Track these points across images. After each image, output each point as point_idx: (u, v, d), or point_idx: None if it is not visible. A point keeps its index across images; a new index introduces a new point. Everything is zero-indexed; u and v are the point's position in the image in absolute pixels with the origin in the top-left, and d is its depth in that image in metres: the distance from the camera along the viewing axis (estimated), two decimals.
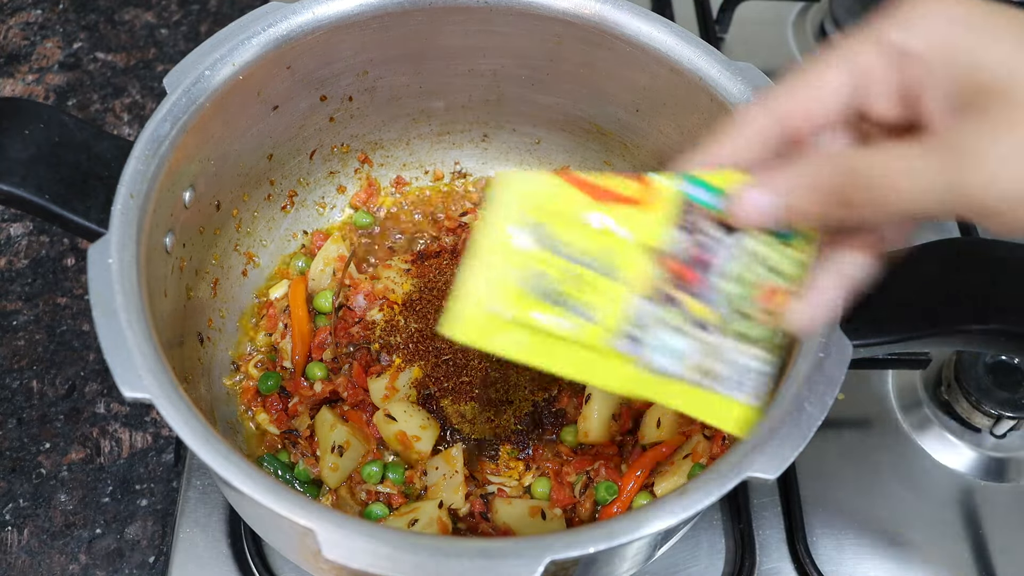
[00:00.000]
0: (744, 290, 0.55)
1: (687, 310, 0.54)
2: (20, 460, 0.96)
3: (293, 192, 0.95)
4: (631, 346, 0.54)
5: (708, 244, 0.54)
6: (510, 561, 0.58)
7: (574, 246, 0.53)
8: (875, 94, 0.52)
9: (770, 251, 0.55)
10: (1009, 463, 0.95)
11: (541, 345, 0.54)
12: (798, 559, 0.88)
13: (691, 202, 0.54)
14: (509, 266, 0.52)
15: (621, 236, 0.53)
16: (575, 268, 0.53)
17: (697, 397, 0.56)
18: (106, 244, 0.68)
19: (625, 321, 0.54)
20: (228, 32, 0.78)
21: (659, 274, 0.54)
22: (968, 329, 0.68)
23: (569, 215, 0.53)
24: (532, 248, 0.53)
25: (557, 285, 0.53)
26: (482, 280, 0.52)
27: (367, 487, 0.83)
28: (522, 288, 0.52)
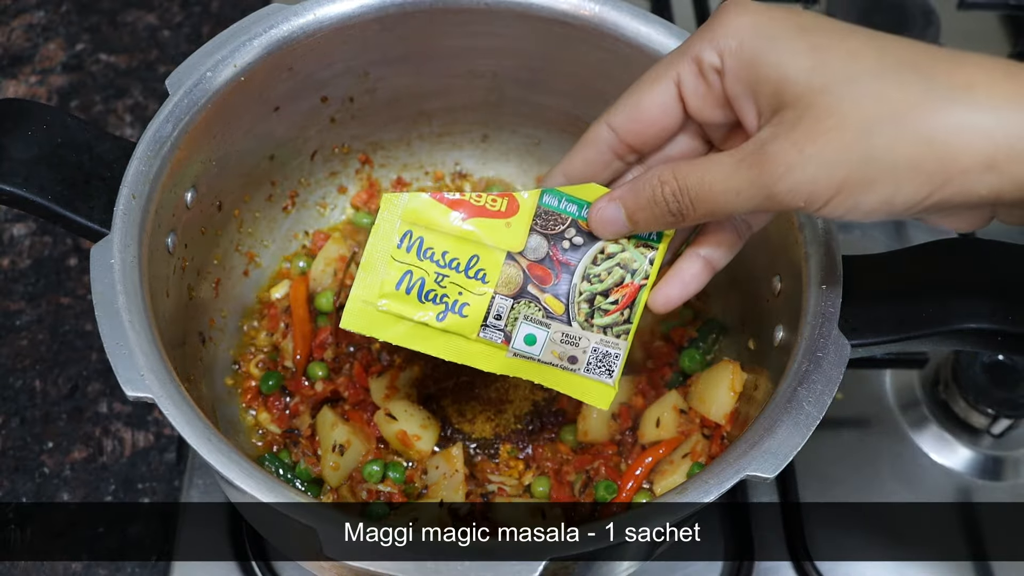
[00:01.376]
0: (598, 286, 0.65)
1: (545, 305, 0.65)
2: (23, 459, 0.96)
3: (294, 193, 0.96)
4: (496, 335, 0.65)
5: (568, 249, 0.64)
6: (510, 560, 0.58)
7: (445, 254, 0.65)
8: (694, 106, 0.58)
9: (625, 251, 0.64)
10: (1006, 462, 0.95)
11: (420, 334, 0.66)
12: (796, 557, 0.88)
13: (551, 212, 0.64)
14: (389, 271, 0.65)
15: (487, 244, 0.64)
16: (445, 271, 0.65)
17: (561, 377, 0.66)
18: (108, 244, 0.68)
19: (489, 315, 0.65)
20: (230, 33, 0.79)
21: (520, 275, 0.65)
22: (966, 329, 0.68)
23: (441, 228, 0.65)
24: (408, 256, 0.65)
25: (430, 286, 0.65)
26: (367, 283, 0.65)
27: (368, 486, 0.83)
28: (399, 289, 0.65)
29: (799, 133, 0.51)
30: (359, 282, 0.66)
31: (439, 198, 0.65)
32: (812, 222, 0.73)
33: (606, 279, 0.65)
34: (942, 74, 0.49)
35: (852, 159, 0.50)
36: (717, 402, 0.82)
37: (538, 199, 0.64)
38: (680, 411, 0.84)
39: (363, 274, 0.66)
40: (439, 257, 0.65)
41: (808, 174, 0.50)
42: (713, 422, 0.83)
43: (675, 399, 0.85)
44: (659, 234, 0.65)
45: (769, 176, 0.52)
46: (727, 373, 0.82)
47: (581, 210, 0.64)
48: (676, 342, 0.91)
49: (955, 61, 0.50)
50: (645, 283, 0.65)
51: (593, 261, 0.64)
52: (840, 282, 0.70)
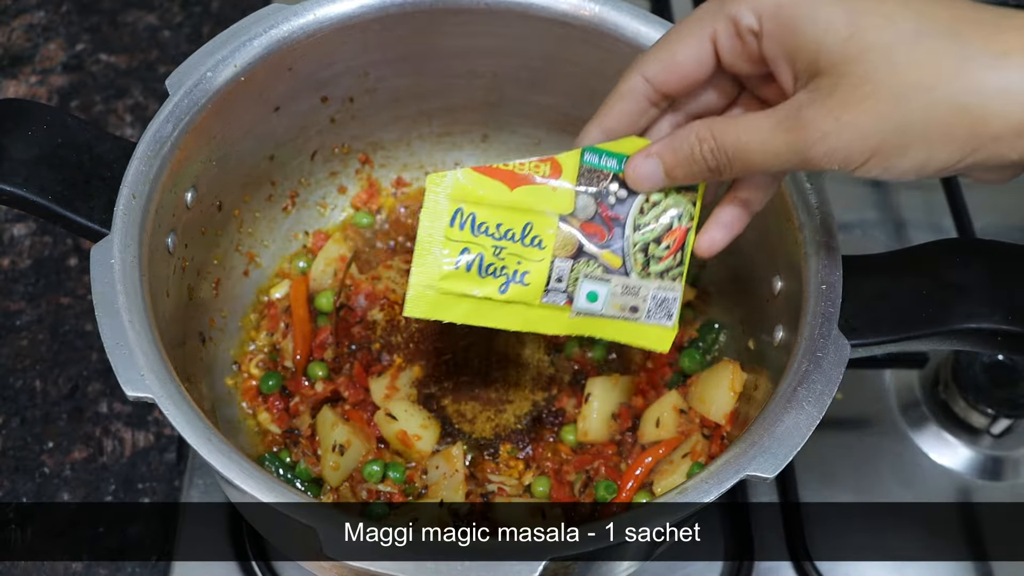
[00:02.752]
0: (650, 235, 0.66)
1: (604, 261, 0.66)
2: (23, 459, 0.96)
3: (294, 193, 0.96)
4: (559, 297, 0.66)
5: (615, 203, 0.65)
6: (510, 560, 0.58)
7: (499, 226, 0.64)
8: (728, 61, 0.59)
9: (668, 197, 0.65)
10: (1006, 462, 0.95)
11: (483, 310, 0.66)
12: (796, 558, 0.88)
13: (593, 170, 0.64)
14: (445, 251, 0.65)
15: (538, 210, 0.64)
16: (502, 243, 0.65)
17: (623, 328, 0.68)
18: (108, 244, 0.68)
19: (551, 279, 0.66)
20: (230, 33, 0.79)
21: (575, 235, 0.65)
22: (966, 329, 0.68)
23: (491, 202, 0.64)
24: (462, 234, 0.64)
25: (489, 260, 0.65)
26: (425, 266, 0.65)
27: (368, 486, 0.83)
28: (458, 268, 0.65)
29: (835, 100, 0.52)
30: (417, 267, 0.65)
31: (484, 171, 0.64)
32: (812, 222, 0.73)
33: (656, 227, 0.65)
34: (979, 40, 0.50)
35: (887, 127, 0.51)
36: (717, 402, 0.82)
37: (579, 159, 0.64)
38: (680, 411, 0.84)
39: (419, 258, 0.65)
40: (494, 230, 0.64)
41: (843, 140, 0.52)
42: (713, 422, 0.83)
43: (675, 399, 0.85)
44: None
45: (805, 141, 0.53)
46: (727, 373, 0.82)
47: (621, 164, 0.64)
48: (676, 342, 0.91)
49: (995, 26, 0.50)
50: (691, 225, 0.66)
51: (640, 211, 0.65)
52: (840, 282, 0.70)
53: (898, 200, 1.15)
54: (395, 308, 0.91)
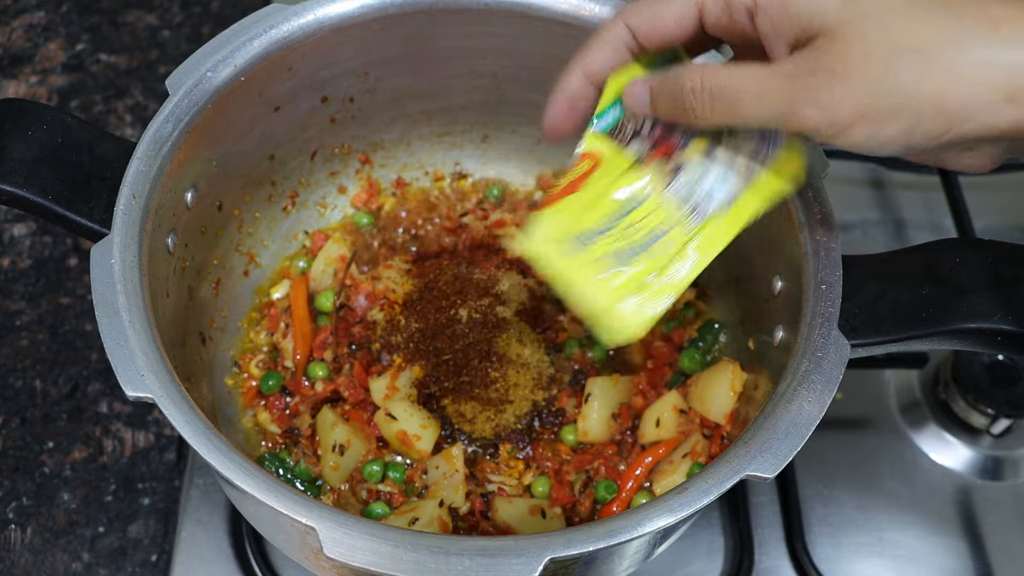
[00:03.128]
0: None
1: (695, 158, 0.64)
2: (23, 459, 0.97)
3: (294, 193, 0.96)
4: (698, 215, 0.64)
5: (657, 127, 0.65)
6: (510, 559, 0.58)
7: (604, 220, 0.64)
8: (712, 28, 0.61)
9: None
10: (1006, 462, 0.95)
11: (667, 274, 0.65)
12: (796, 557, 0.88)
13: (615, 127, 0.66)
14: (591, 274, 0.64)
15: (613, 185, 0.65)
16: (621, 226, 0.64)
17: (752, 197, 0.64)
18: (108, 244, 0.68)
19: (680, 205, 0.64)
20: (230, 34, 0.79)
21: (656, 168, 0.65)
22: (966, 329, 0.68)
23: (579, 214, 0.65)
24: (588, 251, 0.64)
25: (624, 246, 0.64)
26: (600, 300, 0.63)
27: (368, 486, 0.83)
28: (609, 276, 0.63)
29: (830, 58, 0.52)
30: (595, 308, 0.64)
31: (553, 199, 0.65)
32: (812, 222, 0.73)
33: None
34: (970, 9, 0.51)
35: (878, 89, 0.51)
36: (717, 402, 0.82)
37: (600, 134, 0.66)
38: (680, 411, 0.84)
39: (590, 304, 0.64)
40: (604, 226, 0.64)
41: (835, 97, 0.52)
42: (713, 422, 0.83)
43: (675, 399, 0.85)
44: None
45: (797, 90, 0.53)
46: (727, 373, 0.82)
47: (622, 107, 0.66)
48: (676, 342, 0.91)
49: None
50: None
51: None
52: (840, 282, 0.70)
53: (898, 200, 1.15)
54: (395, 308, 0.91)
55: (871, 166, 1.16)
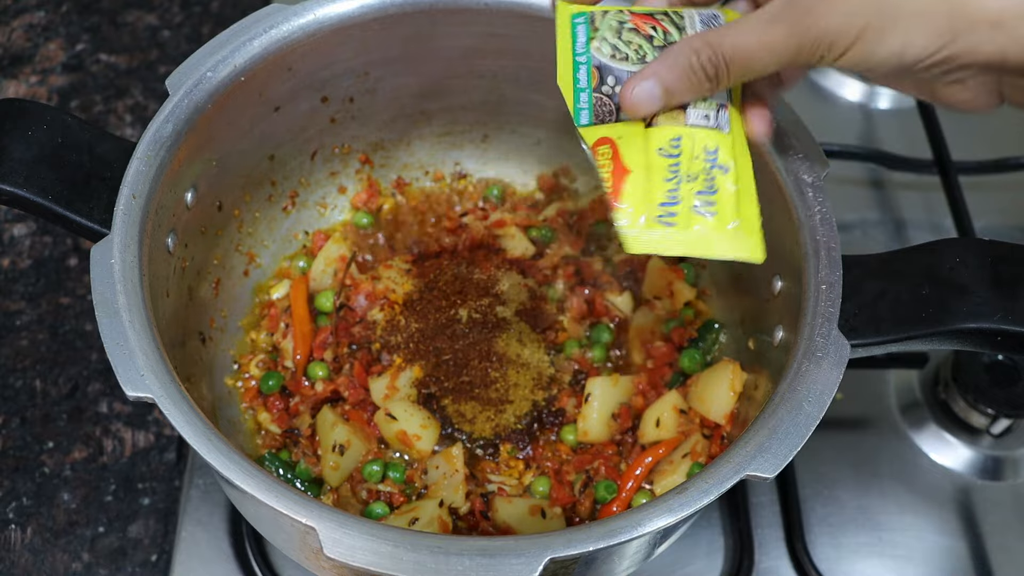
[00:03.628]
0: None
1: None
2: (23, 459, 0.96)
3: (294, 193, 0.96)
4: (723, 126, 0.64)
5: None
6: (510, 559, 0.58)
7: (668, 176, 0.63)
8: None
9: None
10: (1006, 462, 0.95)
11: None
12: (796, 557, 0.88)
13: (594, 111, 0.65)
14: (698, 222, 0.62)
15: (642, 149, 0.64)
16: (683, 170, 0.63)
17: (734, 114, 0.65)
18: (108, 244, 0.68)
19: (705, 124, 0.63)
20: (230, 33, 0.79)
21: (664, 114, 0.63)
22: (966, 329, 0.68)
23: (647, 188, 0.63)
24: (682, 207, 0.63)
25: (700, 183, 0.63)
26: (712, 241, 0.63)
27: (368, 486, 0.83)
28: (709, 210, 0.62)
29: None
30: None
31: (617, 194, 0.63)
32: (812, 222, 0.73)
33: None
34: None
35: (870, 8, 0.54)
36: (717, 402, 0.82)
37: (591, 127, 0.65)
38: (680, 411, 0.84)
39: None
40: (677, 174, 0.64)
41: (834, 22, 0.54)
42: (713, 422, 0.83)
43: (675, 399, 0.85)
44: None
45: (798, 26, 0.55)
46: (727, 373, 0.82)
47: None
48: (676, 342, 0.91)
49: None
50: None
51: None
52: (840, 282, 0.70)
53: (898, 200, 1.15)
54: (395, 308, 0.91)
55: (871, 166, 1.16)
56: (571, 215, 0.99)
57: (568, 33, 0.67)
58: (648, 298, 0.94)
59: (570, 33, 0.67)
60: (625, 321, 0.93)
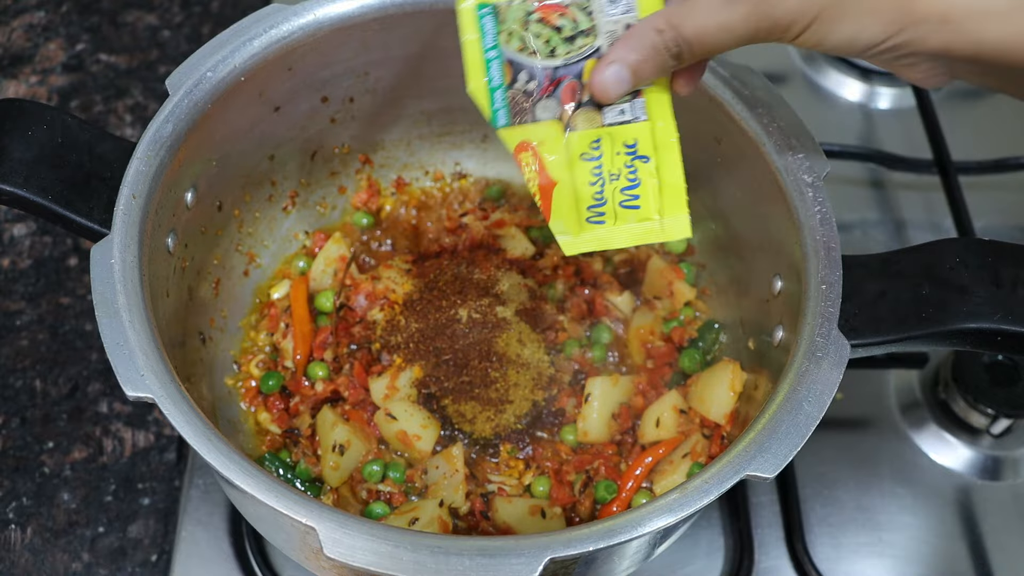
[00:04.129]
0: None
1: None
2: (23, 459, 0.97)
3: (294, 193, 0.96)
4: (641, 114, 0.65)
5: (542, 76, 0.65)
6: (510, 559, 0.58)
7: (592, 178, 0.66)
8: None
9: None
10: (1006, 462, 0.95)
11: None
12: (796, 557, 0.88)
13: (510, 110, 0.66)
14: (628, 216, 0.66)
15: (564, 155, 0.66)
16: (606, 168, 0.66)
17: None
18: (108, 244, 0.68)
19: (622, 120, 0.65)
20: (230, 33, 0.79)
21: (582, 116, 0.65)
22: (966, 329, 0.68)
23: (573, 194, 0.66)
24: (611, 205, 0.66)
25: (624, 179, 0.65)
26: (645, 227, 0.66)
27: (368, 486, 0.83)
28: (637, 200, 0.66)
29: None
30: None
31: (547, 205, 0.66)
32: (812, 222, 0.73)
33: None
34: None
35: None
36: (717, 402, 0.82)
37: (509, 128, 0.66)
38: (680, 411, 0.84)
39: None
40: (600, 175, 0.66)
41: (792, 6, 0.57)
42: (713, 422, 0.83)
43: (675, 399, 0.85)
44: None
45: (758, 9, 0.57)
46: (727, 373, 0.82)
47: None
48: (676, 342, 0.91)
49: None
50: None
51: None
52: (840, 282, 0.70)
53: (898, 200, 1.15)
54: (395, 308, 0.91)
55: (871, 166, 1.16)
56: None
57: (475, 27, 0.66)
58: (648, 298, 0.94)
59: (477, 27, 0.66)
60: (625, 321, 0.93)
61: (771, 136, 0.77)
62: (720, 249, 0.91)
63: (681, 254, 0.96)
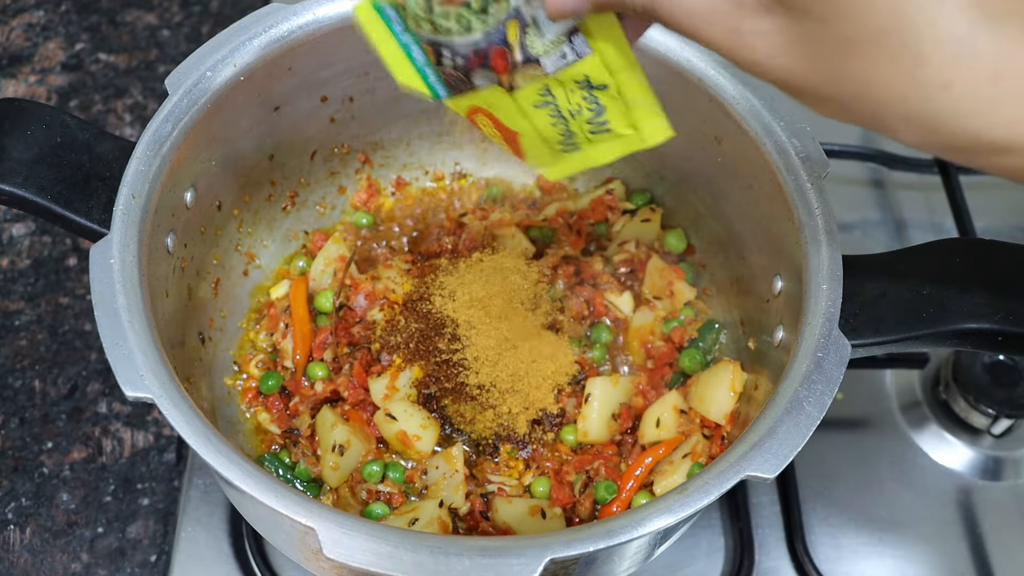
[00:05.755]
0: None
1: (529, 42, 0.61)
2: (22, 459, 0.96)
3: (294, 193, 0.96)
4: (586, 50, 0.61)
5: (466, 52, 0.62)
6: (510, 560, 0.58)
7: (553, 119, 0.65)
8: None
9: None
10: (1006, 462, 0.95)
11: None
12: (797, 558, 0.88)
13: (446, 83, 0.64)
14: (598, 133, 0.65)
15: (517, 111, 0.65)
16: (563, 108, 0.64)
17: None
18: (108, 244, 0.68)
19: (566, 65, 0.62)
20: (229, 33, 0.79)
21: (522, 75, 0.62)
22: (966, 329, 0.68)
23: (539, 135, 0.66)
24: (581, 134, 0.65)
25: (587, 111, 0.64)
26: (616, 142, 0.65)
27: (368, 486, 0.83)
28: (604, 114, 0.64)
29: (817, 37, 0.48)
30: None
31: (517, 149, 0.67)
32: (812, 222, 0.73)
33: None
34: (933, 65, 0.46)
35: (828, 77, 0.50)
36: (717, 402, 0.82)
37: (453, 98, 0.65)
38: (680, 411, 0.84)
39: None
40: (559, 114, 0.64)
41: (790, 61, 0.50)
42: (713, 422, 0.83)
43: (675, 399, 0.85)
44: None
45: (743, 34, 0.50)
46: (727, 373, 0.82)
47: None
48: (676, 342, 0.91)
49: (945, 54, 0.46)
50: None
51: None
52: (840, 282, 0.70)
53: (898, 200, 1.15)
54: (395, 308, 0.91)
55: (871, 166, 1.16)
56: (571, 215, 0.99)
57: (381, 26, 0.64)
58: (648, 298, 0.94)
59: (383, 25, 0.64)
60: (625, 321, 0.93)
61: (771, 136, 0.77)
62: (720, 249, 0.91)
63: (681, 254, 0.96)
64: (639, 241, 0.96)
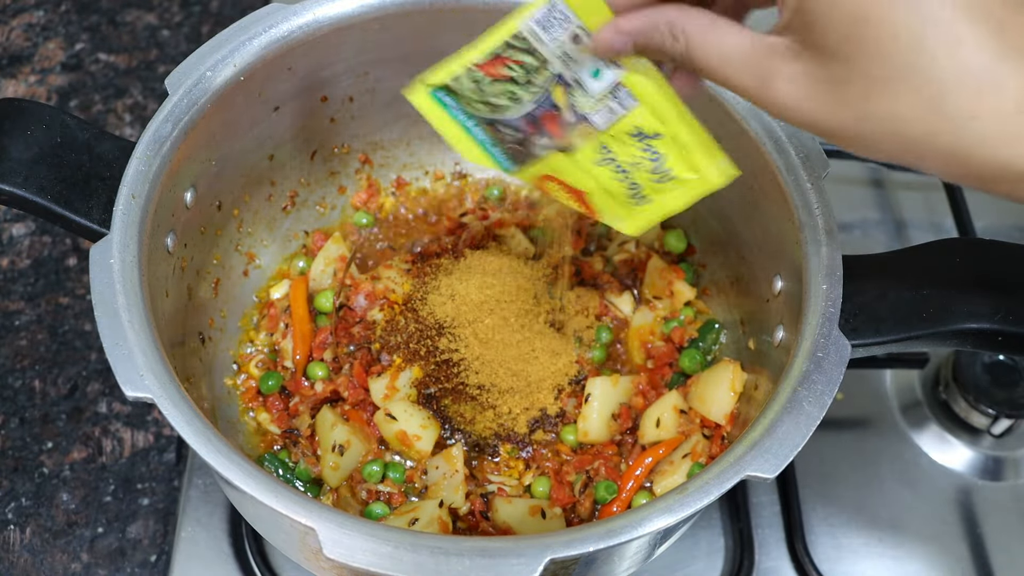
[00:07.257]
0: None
1: (578, 101, 0.64)
2: (22, 459, 0.96)
3: (294, 192, 0.96)
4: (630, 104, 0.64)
5: (522, 122, 0.66)
6: (510, 560, 0.58)
7: (617, 175, 0.67)
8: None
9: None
10: (1006, 462, 0.95)
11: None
12: (797, 558, 0.88)
13: (510, 158, 0.68)
14: (662, 188, 0.67)
15: (580, 172, 0.68)
16: (623, 161, 0.66)
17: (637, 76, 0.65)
18: (108, 244, 0.68)
19: (617, 121, 0.64)
20: (229, 33, 0.79)
21: (578, 135, 0.65)
22: (966, 329, 0.68)
23: (606, 192, 0.68)
24: (649, 187, 0.67)
25: (645, 168, 0.66)
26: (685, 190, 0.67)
27: (368, 486, 0.83)
28: (670, 166, 0.66)
29: (845, 82, 0.50)
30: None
31: (589, 209, 0.69)
32: (812, 222, 0.73)
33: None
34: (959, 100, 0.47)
35: (859, 121, 0.51)
36: (717, 402, 0.82)
37: (518, 170, 0.68)
38: (680, 411, 0.84)
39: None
40: (623, 168, 0.66)
41: (835, 123, 0.52)
42: (713, 422, 0.83)
43: (675, 399, 0.85)
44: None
45: (777, 96, 0.52)
46: (727, 373, 0.82)
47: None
48: (676, 342, 0.91)
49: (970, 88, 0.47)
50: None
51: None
52: (840, 282, 0.70)
53: (898, 200, 1.15)
54: (395, 308, 0.91)
55: (871, 166, 1.16)
56: (571, 215, 0.99)
57: (439, 111, 0.67)
58: (648, 298, 0.94)
59: (441, 109, 0.67)
60: (625, 321, 0.93)
61: (771, 136, 0.77)
62: (720, 249, 0.91)
63: (681, 254, 0.96)
64: (639, 241, 0.96)
